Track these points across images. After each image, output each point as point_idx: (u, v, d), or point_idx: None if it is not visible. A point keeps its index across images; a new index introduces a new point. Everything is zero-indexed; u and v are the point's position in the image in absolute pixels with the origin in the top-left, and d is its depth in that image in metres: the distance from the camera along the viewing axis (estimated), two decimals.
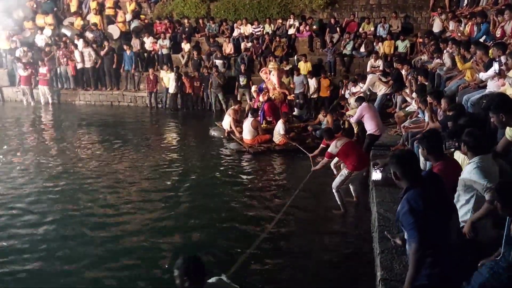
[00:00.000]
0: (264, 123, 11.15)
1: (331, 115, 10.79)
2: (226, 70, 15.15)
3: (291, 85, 12.63)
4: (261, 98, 11.58)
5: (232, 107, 11.55)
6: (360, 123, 9.18)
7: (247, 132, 10.43)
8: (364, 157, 7.16)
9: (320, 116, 11.18)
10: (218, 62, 15.09)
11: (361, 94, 10.71)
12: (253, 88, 12.57)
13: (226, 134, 11.25)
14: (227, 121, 11.22)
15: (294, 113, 12.33)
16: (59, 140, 11.54)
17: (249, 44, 15.68)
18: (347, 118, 10.42)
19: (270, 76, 11.64)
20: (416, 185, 3.03)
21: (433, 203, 2.98)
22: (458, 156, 4.41)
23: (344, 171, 6.75)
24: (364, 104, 8.47)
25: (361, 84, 11.25)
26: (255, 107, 11.59)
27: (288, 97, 11.83)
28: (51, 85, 16.39)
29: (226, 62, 15.34)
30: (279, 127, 10.21)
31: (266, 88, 11.66)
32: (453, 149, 4.33)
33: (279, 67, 12.32)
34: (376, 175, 3.35)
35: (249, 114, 10.62)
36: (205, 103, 14.99)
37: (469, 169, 3.72)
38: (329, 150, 6.81)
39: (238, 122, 11.14)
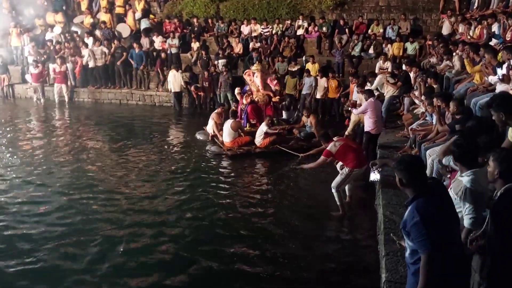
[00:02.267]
0: (247, 126, 10.92)
1: (314, 115, 10.64)
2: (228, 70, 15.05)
3: (276, 87, 11.90)
4: (244, 101, 11.32)
5: (216, 111, 11.36)
6: (358, 124, 9.21)
7: (226, 134, 10.25)
8: (363, 155, 7.24)
9: (304, 118, 10.92)
10: (220, 61, 15.10)
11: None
12: (236, 90, 12.30)
13: (210, 138, 10.99)
14: (210, 125, 10.99)
15: (283, 116, 12.04)
16: (63, 138, 11.74)
17: (258, 44, 15.69)
18: (349, 107, 10.28)
19: (253, 78, 11.31)
20: (424, 193, 2.96)
21: (441, 212, 2.96)
22: None
23: (345, 170, 6.78)
24: (371, 99, 8.42)
25: (369, 84, 11.21)
26: (239, 109, 11.40)
27: (273, 100, 11.40)
28: (67, 83, 16.41)
29: (229, 61, 15.29)
30: (262, 129, 10.09)
31: (250, 90, 11.38)
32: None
33: (263, 68, 11.92)
34: (374, 175, 3.27)
35: (229, 116, 10.50)
36: (214, 102, 14.97)
37: (459, 183, 3.54)
38: (328, 148, 6.80)
39: (222, 126, 10.84)
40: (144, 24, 17.30)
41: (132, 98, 16.33)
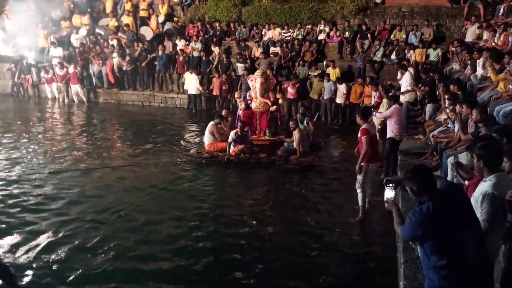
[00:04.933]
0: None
1: (299, 130, 9.71)
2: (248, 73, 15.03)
3: (277, 96, 11.27)
4: (240, 105, 11.07)
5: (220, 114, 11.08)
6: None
7: (205, 137, 10.15)
8: (379, 153, 7.28)
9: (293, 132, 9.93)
10: (239, 65, 15.22)
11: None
12: (236, 94, 12.13)
13: None
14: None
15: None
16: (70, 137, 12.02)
17: (277, 49, 15.73)
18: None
19: (254, 83, 10.91)
20: (435, 199, 2.99)
21: (446, 215, 2.96)
22: None
23: (363, 165, 6.75)
24: (396, 105, 8.40)
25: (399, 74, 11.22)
26: (237, 114, 11.14)
27: (271, 109, 10.78)
28: (83, 84, 16.79)
29: (249, 65, 15.37)
30: (230, 137, 9.76)
31: (250, 96, 10.98)
32: None
33: (265, 75, 11.18)
34: (390, 193, 3.25)
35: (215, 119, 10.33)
36: (233, 106, 15.03)
37: (482, 187, 3.48)
38: (364, 126, 6.73)
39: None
40: (168, 26, 17.50)
41: (154, 100, 16.54)
